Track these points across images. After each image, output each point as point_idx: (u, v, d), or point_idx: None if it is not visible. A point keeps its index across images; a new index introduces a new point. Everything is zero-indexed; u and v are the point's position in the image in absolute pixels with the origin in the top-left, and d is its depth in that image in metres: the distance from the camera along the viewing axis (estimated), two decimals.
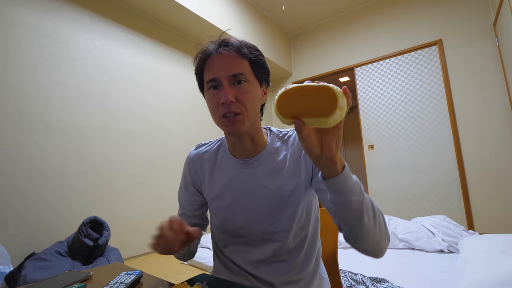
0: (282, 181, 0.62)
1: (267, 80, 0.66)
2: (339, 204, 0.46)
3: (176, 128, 2.83)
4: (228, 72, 0.58)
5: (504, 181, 2.56)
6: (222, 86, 0.58)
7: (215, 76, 0.58)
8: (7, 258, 1.49)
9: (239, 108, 0.58)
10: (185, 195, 0.75)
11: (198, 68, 0.63)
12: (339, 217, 0.49)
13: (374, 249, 0.50)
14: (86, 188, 2.03)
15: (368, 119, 3.42)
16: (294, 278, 0.63)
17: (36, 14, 1.91)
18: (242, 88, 0.58)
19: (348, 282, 1.49)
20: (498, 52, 2.65)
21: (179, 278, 1.75)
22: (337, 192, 0.45)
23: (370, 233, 0.47)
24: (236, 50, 0.59)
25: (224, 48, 0.59)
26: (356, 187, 0.45)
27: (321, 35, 3.98)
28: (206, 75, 0.60)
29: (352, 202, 0.45)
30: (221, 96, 0.57)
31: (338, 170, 0.43)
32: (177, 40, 2.98)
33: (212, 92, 0.59)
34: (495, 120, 2.65)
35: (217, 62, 0.59)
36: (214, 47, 0.60)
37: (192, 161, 0.73)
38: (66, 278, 0.54)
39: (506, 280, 1.10)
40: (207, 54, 0.61)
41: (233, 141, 0.66)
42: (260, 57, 0.62)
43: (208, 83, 0.60)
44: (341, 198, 0.45)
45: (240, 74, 0.58)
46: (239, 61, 0.59)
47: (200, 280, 0.52)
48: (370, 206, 0.48)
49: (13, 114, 1.73)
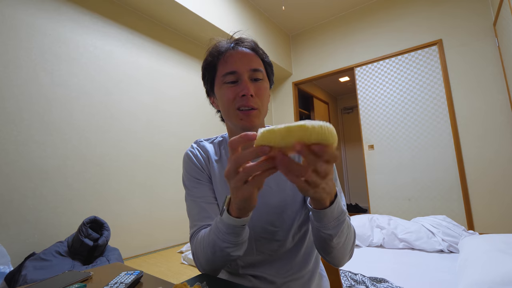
0: (284, 180, 0.63)
1: (272, 82, 0.68)
2: (315, 227, 0.50)
3: (176, 128, 2.83)
4: (249, 66, 0.59)
5: (504, 181, 2.56)
6: (242, 79, 0.59)
7: (235, 69, 0.59)
8: (7, 258, 1.49)
9: (257, 104, 0.59)
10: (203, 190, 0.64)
11: (212, 61, 0.62)
12: (313, 231, 0.53)
13: (334, 262, 0.56)
14: (86, 188, 2.03)
15: (368, 119, 3.42)
16: (294, 277, 0.63)
17: (37, 14, 1.91)
18: (260, 84, 0.61)
19: (348, 282, 1.49)
20: (498, 52, 2.65)
21: (179, 278, 1.75)
22: (317, 219, 0.48)
23: (334, 251, 0.52)
24: (253, 49, 0.62)
25: (242, 44, 0.61)
26: (336, 221, 0.47)
27: (321, 35, 3.98)
28: (223, 68, 0.60)
29: (327, 231, 0.48)
30: (240, 89, 0.58)
31: (324, 205, 0.45)
32: (177, 40, 2.98)
33: (228, 86, 0.60)
34: (495, 120, 2.65)
35: (236, 57, 0.60)
36: (230, 44, 0.62)
37: (198, 151, 0.69)
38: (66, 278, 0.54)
39: (506, 280, 1.10)
40: (223, 50, 0.61)
41: None
42: (269, 59, 0.66)
43: (226, 76, 0.59)
44: (319, 225, 0.48)
45: (259, 70, 0.60)
46: (256, 59, 0.61)
47: (200, 280, 0.52)
48: (344, 234, 0.51)
49: (13, 114, 1.73)
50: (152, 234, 2.44)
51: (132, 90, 2.46)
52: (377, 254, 2.01)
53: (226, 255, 0.50)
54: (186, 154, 0.69)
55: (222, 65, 0.60)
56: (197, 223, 0.60)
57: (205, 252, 0.53)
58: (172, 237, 2.59)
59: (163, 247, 2.53)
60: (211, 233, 0.51)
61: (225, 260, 0.52)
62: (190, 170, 0.67)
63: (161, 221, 2.53)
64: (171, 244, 2.60)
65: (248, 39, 0.63)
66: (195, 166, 0.67)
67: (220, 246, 0.49)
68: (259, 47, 0.64)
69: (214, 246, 0.50)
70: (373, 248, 2.17)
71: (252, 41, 0.63)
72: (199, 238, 0.56)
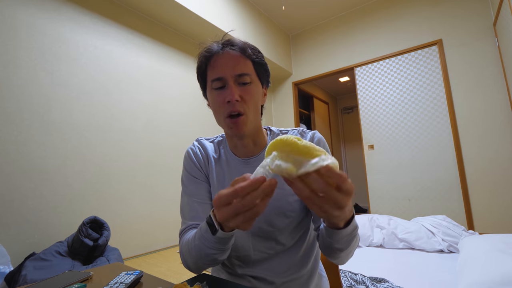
0: (282, 181, 0.63)
1: (268, 82, 0.67)
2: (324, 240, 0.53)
3: (176, 128, 2.83)
4: (234, 71, 0.58)
5: (504, 181, 2.56)
6: (228, 85, 0.58)
7: (221, 75, 0.58)
8: (7, 258, 1.49)
9: (243, 108, 0.58)
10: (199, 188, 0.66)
11: (201, 66, 0.63)
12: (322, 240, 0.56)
13: (338, 263, 0.59)
14: (86, 188, 2.03)
15: (368, 119, 3.42)
16: (293, 277, 0.63)
17: (37, 14, 1.91)
18: (247, 88, 0.59)
19: (348, 282, 1.49)
20: (498, 52, 2.65)
21: (179, 278, 1.75)
22: (329, 235, 0.50)
23: (338, 256, 0.54)
24: (241, 50, 0.60)
25: (229, 47, 0.60)
26: (348, 237, 0.50)
27: (321, 35, 3.98)
28: (211, 74, 0.60)
29: (338, 245, 0.51)
30: (226, 95, 0.58)
31: (338, 226, 0.47)
32: (177, 40, 2.98)
33: (217, 92, 0.60)
34: (495, 120, 2.65)
35: (222, 61, 0.59)
36: (219, 46, 0.61)
37: (199, 149, 0.70)
38: (66, 278, 0.54)
39: (506, 280, 1.10)
40: (212, 53, 0.60)
41: (235, 142, 0.66)
42: (262, 59, 0.63)
43: (213, 82, 0.59)
44: (330, 240, 0.51)
45: (245, 74, 0.59)
46: (244, 61, 0.60)
47: (200, 280, 0.52)
48: (350, 247, 0.53)
49: (13, 114, 1.73)
50: (152, 234, 2.44)
51: (132, 90, 2.46)
52: (377, 254, 2.01)
53: (212, 259, 0.52)
54: (187, 152, 0.70)
55: (210, 70, 0.60)
56: (187, 222, 0.62)
57: (191, 254, 0.54)
58: (172, 237, 2.59)
59: (163, 247, 2.53)
60: (197, 239, 0.52)
61: (211, 263, 0.53)
62: (188, 167, 0.68)
63: (161, 221, 2.53)
64: (171, 244, 2.60)
65: (236, 40, 0.61)
66: (193, 164, 0.68)
67: (206, 252, 0.51)
68: (250, 47, 0.61)
69: (200, 251, 0.52)
70: (373, 248, 2.17)
71: (241, 42, 0.61)
72: (186, 240, 0.57)
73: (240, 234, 0.63)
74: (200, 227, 0.52)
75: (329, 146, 4.47)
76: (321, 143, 0.67)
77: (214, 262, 0.53)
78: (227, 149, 0.69)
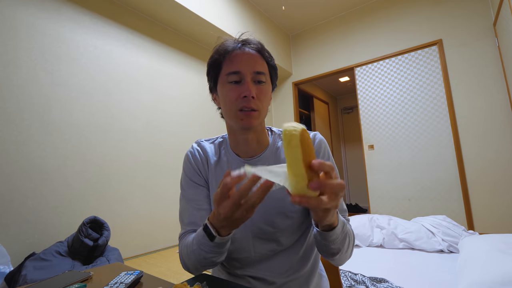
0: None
1: (275, 85, 0.69)
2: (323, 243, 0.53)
3: (176, 128, 2.83)
4: (253, 68, 0.60)
5: (504, 181, 2.56)
6: (245, 80, 0.59)
7: (239, 69, 0.59)
8: (7, 258, 1.49)
9: (257, 106, 0.60)
10: (197, 193, 0.66)
11: (218, 59, 0.62)
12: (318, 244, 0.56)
13: (337, 263, 0.60)
14: (86, 188, 2.03)
15: (368, 119, 3.42)
16: (293, 277, 0.63)
17: (37, 14, 1.91)
18: (262, 87, 0.61)
19: (348, 282, 1.49)
20: (498, 52, 2.65)
21: (179, 278, 1.75)
22: (324, 238, 0.52)
23: (335, 257, 0.56)
24: (259, 50, 0.62)
25: (248, 46, 0.62)
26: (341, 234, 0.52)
27: (321, 35, 3.98)
28: (228, 67, 0.61)
29: (334, 246, 0.52)
30: (242, 90, 0.59)
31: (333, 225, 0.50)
32: (177, 40, 2.98)
33: (231, 86, 0.60)
34: (495, 120, 2.65)
35: (241, 57, 0.60)
36: (236, 44, 0.62)
37: (198, 152, 0.70)
38: (66, 278, 0.54)
39: (506, 280, 1.10)
40: (230, 49, 0.61)
41: (238, 138, 0.66)
42: (274, 63, 0.66)
43: (229, 75, 0.60)
44: (326, 242, 0.52)
45: (262, 73, 0.61)
46: (261, 61, 0.62)
47: (200, 280, 0.52)
48: (345, 245, 0.55)
49: (13, 114, 1.73)
50: (152, 234, 2.44)
51: (132, 90, 2.46)
52: (377, 254, 2.01)
53: (210, 262, 0.54)
54: (186, 155, 0.71)
55: (227, 64, 0.61)
56: (186, 227, 0.64)
57: (190, 258, 0.56)
58: (172, 237, 2.59)
59: (163, 247, 2.53)
60: (195, 245, 0.53)
61: (209, 265, 0.56)
62: (187, 171, 0.68)
63: (161, 221, 2.53)
64: (171, 244, 2.60)
65: (254, 41, 0.64)
66: (192, 169, 0.68)
67: (204, 256, 0.53)
68: (265, 49, 0.65)
69: (199, 256, 0.53)
70: (373, 248, 2.17)
71: (258, 43, 0.64)
72: (185, 244, 0.58)
73: (241, 236, 0.63)
74: (197, 233, 0.54)
75: (329, 146, 4.47)
76: (322, 145, 0.67)
77: (213, 264, 0.55)
78: (228, 149, 0.69)
